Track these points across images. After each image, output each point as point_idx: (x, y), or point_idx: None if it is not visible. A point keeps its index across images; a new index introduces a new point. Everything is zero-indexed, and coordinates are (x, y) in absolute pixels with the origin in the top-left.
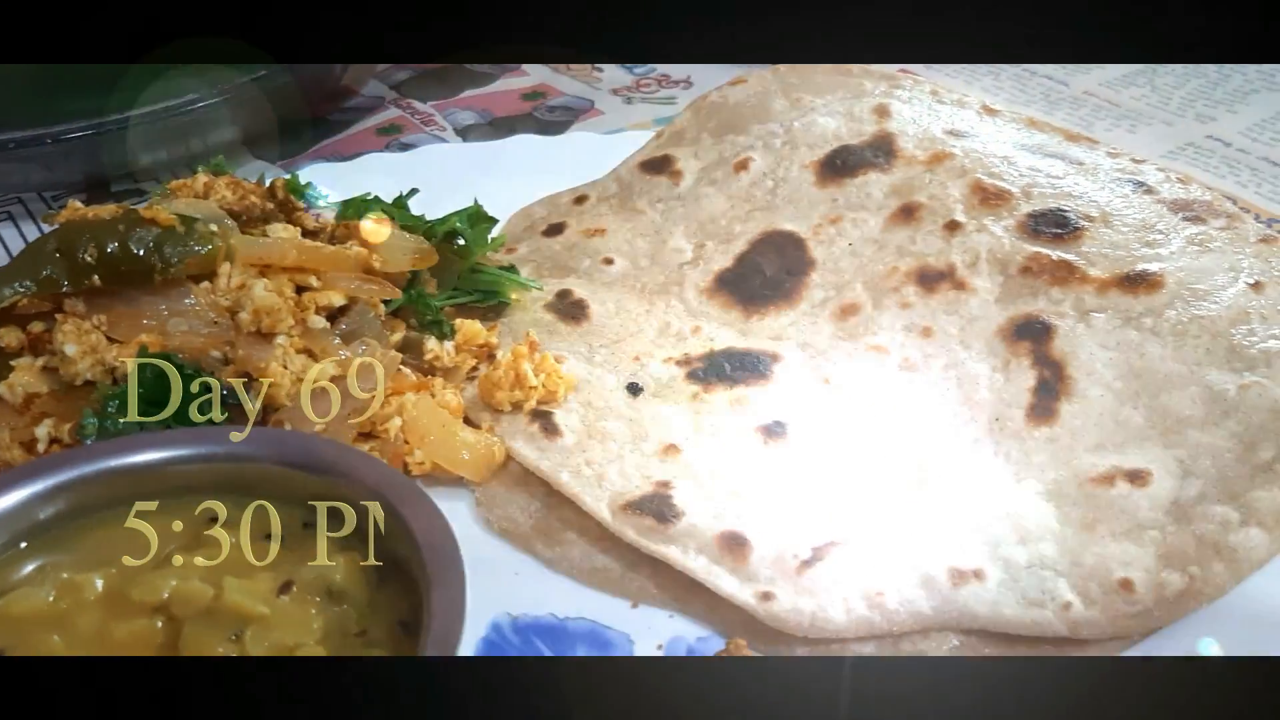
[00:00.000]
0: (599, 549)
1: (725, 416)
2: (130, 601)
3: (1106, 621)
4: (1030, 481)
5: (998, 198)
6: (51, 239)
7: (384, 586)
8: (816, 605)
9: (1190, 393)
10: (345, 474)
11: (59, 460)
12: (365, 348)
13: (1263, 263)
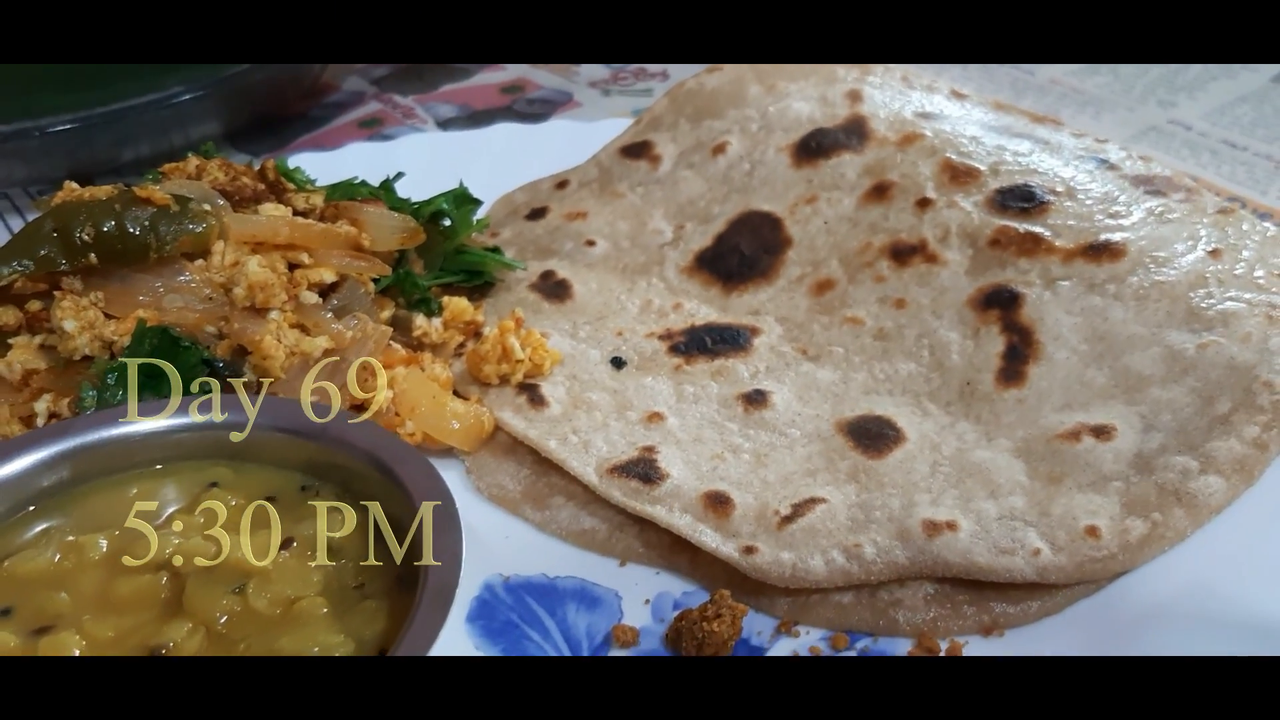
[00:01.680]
0: (586, 512)
1: (707, 386)
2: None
3: (1073, 566)
4: (1001, 440)
5: (967, 175)
6: (48, 219)
7: (381, 543)
8: (797, 557)
9: (1152, 353)
10: (339, 438)
11: (64, 428)
12: (356, 322)
13: (1220, 232)
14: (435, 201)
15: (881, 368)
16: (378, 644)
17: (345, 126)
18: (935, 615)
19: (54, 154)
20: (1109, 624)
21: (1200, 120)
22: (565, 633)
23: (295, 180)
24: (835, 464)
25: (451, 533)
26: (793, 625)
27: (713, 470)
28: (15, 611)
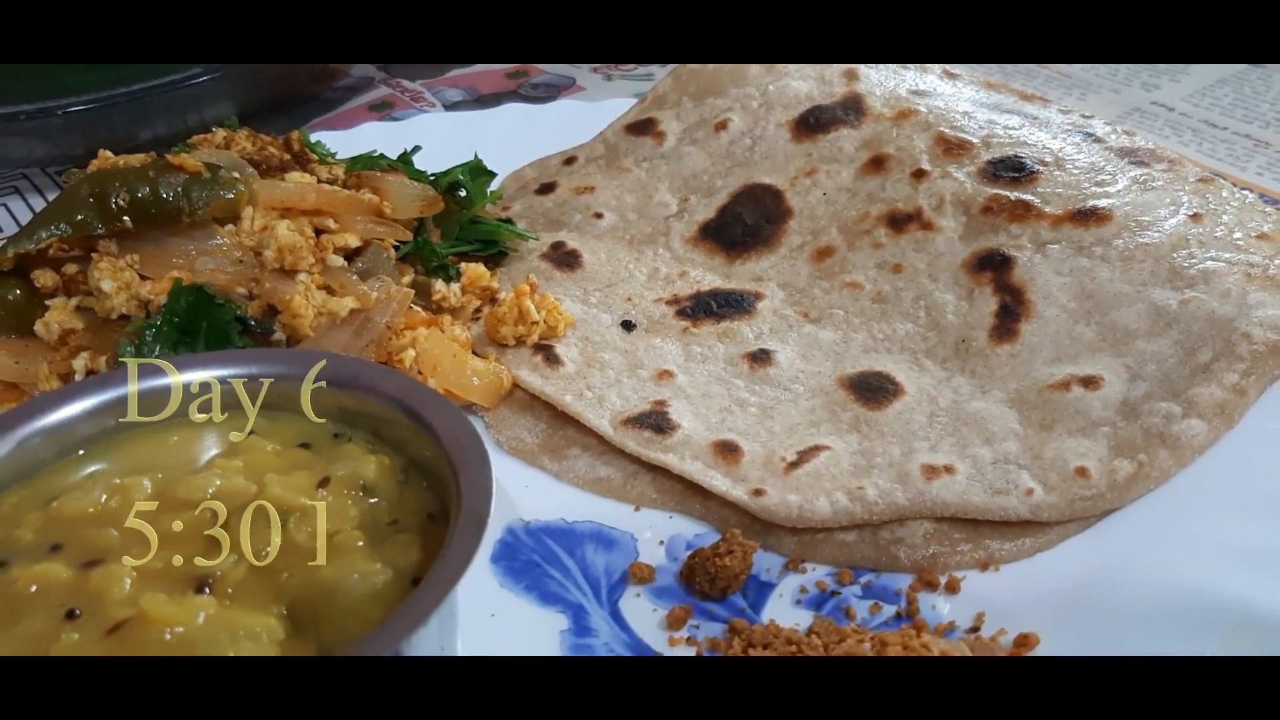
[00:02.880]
0: (602, 461)
1: (714, 346)
2: (178, 499)
3: (1064, 505)
4: (995, 392)
5: (960, 147)
6: (85, 185)
7: (411, 483)
8: (803, 499)
9: (1137, 309)
10: (369, 387)
11: (107, 379)
12: (380, 284)
13: (1200, 198)
14: (452, 173)
15: (880, 328)
16: (412, 573)
17: (356, 110)
18: (934, 552)
19: (73, 133)
20: (1099, 559)
21: (1182, 102)
22: (584, 571)
23: (317, 153)
24: (838, 415)
25: (481, 468)
26: (800, 562)
27: (721, 422)
28: (65, 547)
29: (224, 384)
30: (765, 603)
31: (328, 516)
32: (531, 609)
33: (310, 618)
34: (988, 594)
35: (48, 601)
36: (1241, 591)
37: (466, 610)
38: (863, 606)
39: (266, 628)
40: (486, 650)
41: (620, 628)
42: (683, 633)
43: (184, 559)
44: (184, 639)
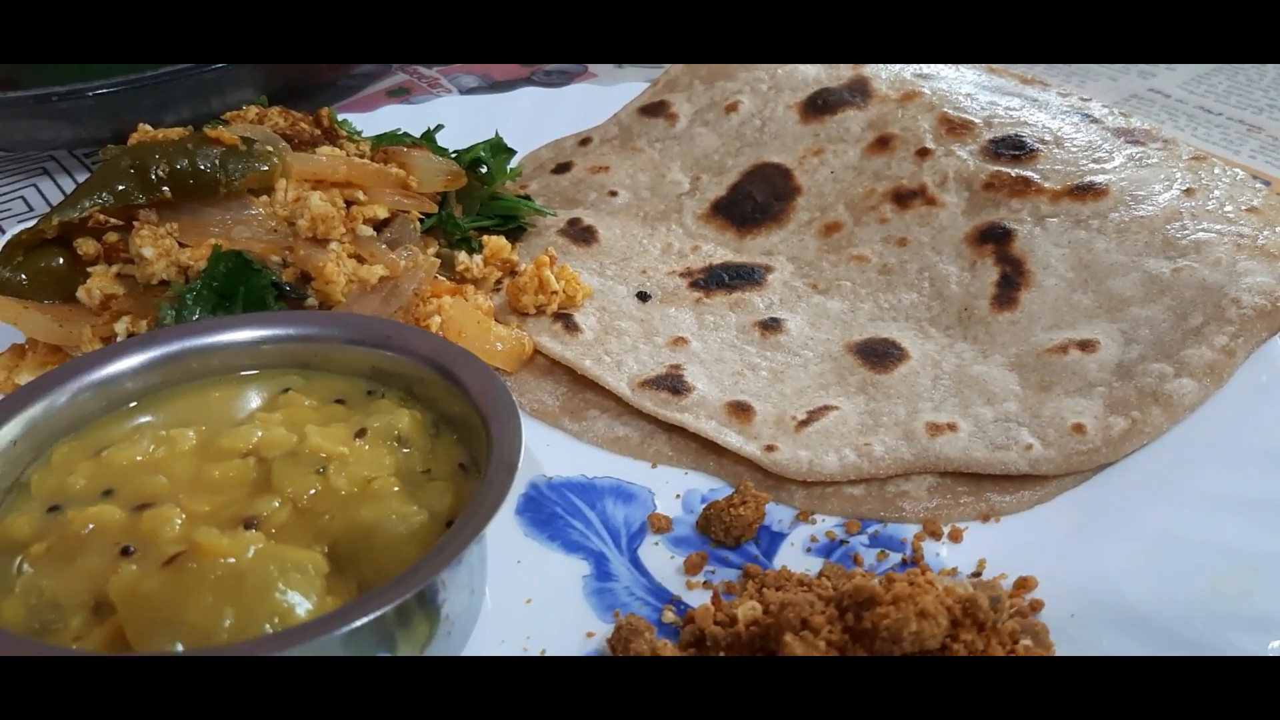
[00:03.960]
0: (620, 422)
1: (726, 316)
2: (222, 449)
3: (1062, 459)
4: (996, 356)
5: (963, 127)
6: (126, 157)
7: (442, 436)
8: (813, 455)
9: (1132, 277)
10: (402, 346)
11: (152, 338)
12: (408, 253)
13: (1193, 175)
14: (474, 150)
15: (886, 298)
16: (445, 517)
17: (374, 95)
18: (938, 504)
19: (100, 116)
20: (1094, 509)
21: (1178, 89)
22: (605, 522)
23: (344, 130)
24: (845, 379)
25: (510, 419)
26: (810, 514)
27: (734, 384)
28: (117, 492)
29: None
30: (777, 550)
31: (364, 464)
32: (555, 556)
33: (350, 557)
34: (989, 543)
35: (103, 541)
36: (1227, 535)
37: (494, 558)
38: (870, 554)
39: (312, 561)
40: (514, 593)
41: (640, 573)
42: (699, 577)
43: (230, 502)
44: (235, 570)
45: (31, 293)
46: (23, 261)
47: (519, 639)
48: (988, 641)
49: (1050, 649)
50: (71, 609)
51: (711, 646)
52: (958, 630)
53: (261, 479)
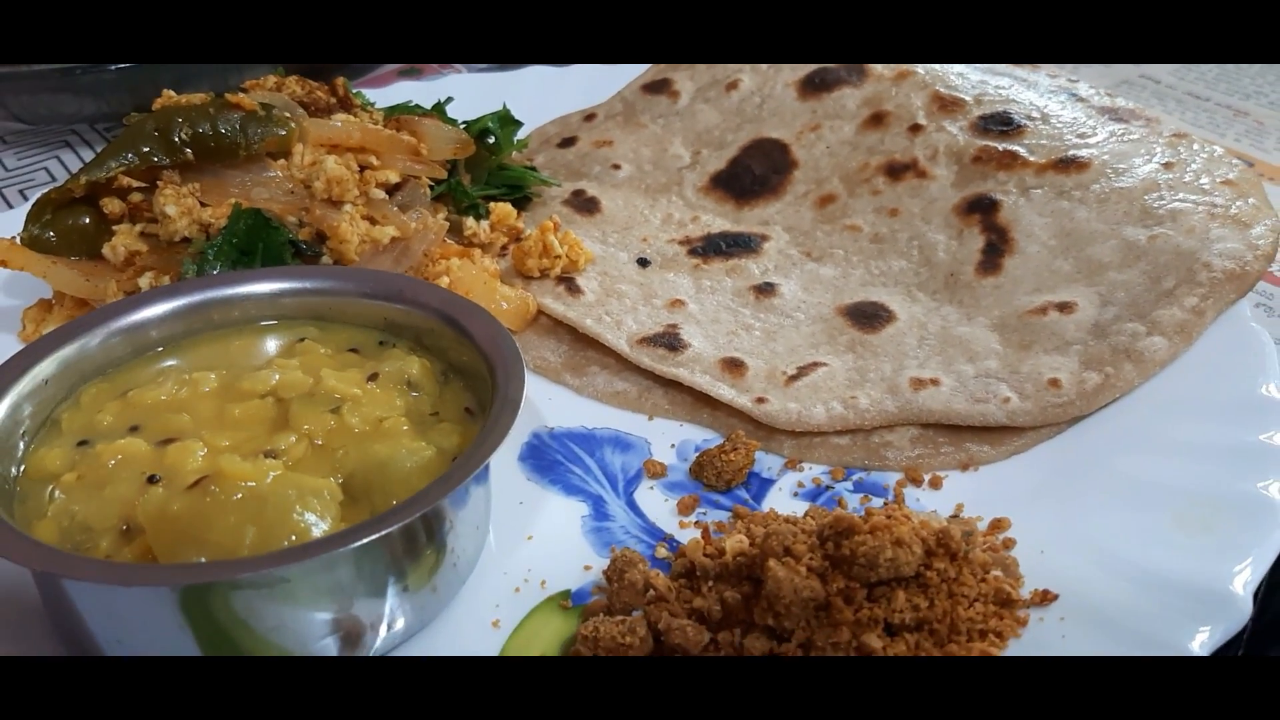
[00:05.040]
0: (619, 377)
1: (722, 280)
2: (242, 390)
3: (1038, 411)
4: (979, 319)
5: (954, 105)
6: (150, 120)
7: (450, 384)
8: (801, 407)
9: (1110, 245)
10: (414, 299)
11: (176, 289)
12: (418, 216)
13: (1173, 150)
14: (482, 120)
15: (877, 265)
16: (453, 454)
17: (386, 75)
18: (919, 454)
19: (121, 90)
20: (1067, 459)
21: (1168, 75)
22: (603, 468)
23: (358, 100)
24: (835, 339)
25: (515, 364)
26: (797, 463)
27: (728, 343)
28: (143, 428)
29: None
30: (766, 495)
31: (377, 404)
32: (556, 498)
33: (364, 488)
34: (967, 490)
35: (130, 471)
36: (1190, 479)
37: (497, 500)
38: (854, 499)
39: (328, 488)
40: (517, 531)
41: (635, 514)
42: (691, 518)
43: (251, 438)
44: (256, 493)
45: (59, 249)
46: (51, 219)
47: (520, 571)
48: (960, 570)
49: (1020, 581)
50: (101, 531)
51: (701, 577)
52: (931, 559)
53: (279, 417)
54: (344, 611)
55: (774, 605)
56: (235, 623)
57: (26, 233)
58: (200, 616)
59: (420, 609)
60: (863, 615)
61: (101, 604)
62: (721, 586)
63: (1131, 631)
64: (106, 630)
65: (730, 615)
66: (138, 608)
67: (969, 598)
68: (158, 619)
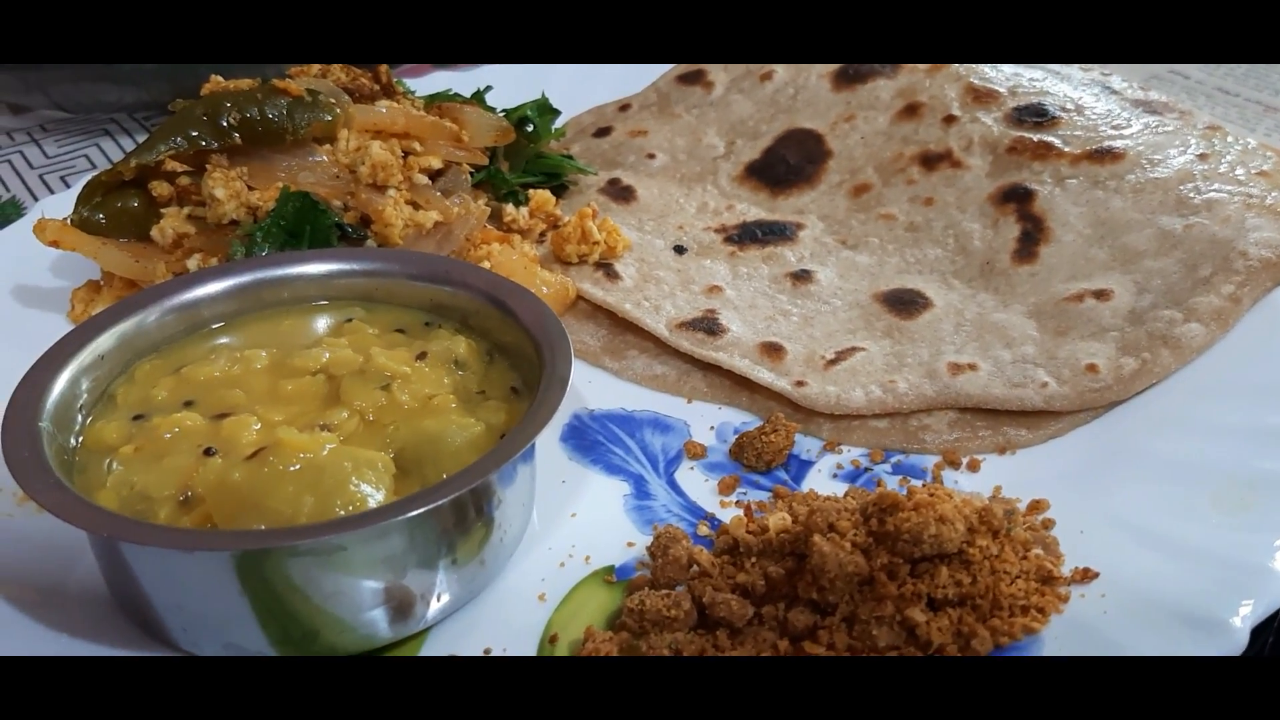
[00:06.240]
0: (658, 361)
1: (759, 268)
2: (294, 367)
3: (1075, 396)
4: (1015, 305)
5: (988, 96)
6: (199, 105)
7: (496, 363)
8: (840, 390)
9: (1146, 233)
10: (460, 281)
11: (227, 269)
12: (460, 201)
13: (1207, 142)
14: (522, 109)
15: (912, 253)
16: (500, 430)
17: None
18: (957, 438)
19: (162, 80)
20: (1105, 442)
21: (1197, 70)
22: (644, 449)
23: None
24: (872, 324)
25: (561, 343)
26: (836, 445)
27: (766, 328)
28: (197, 403)
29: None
30: (805, 476)
31: (425, 382)
32: (598, 477)
33: (415, 461)
34: (1005, 473)
35: (187, 443)
36: (1227, 460)
37: (540, 478)
38: (892, 481)
39: (383, 460)
40: (560, 508)
41: (676, 493)
42: (732, 497)
43: (303, 413)
44: (313, 463)
45: (109, 231)
46: (101, 202)
47: (565, 547)
48: (1002, 548)
49: (1060, 559)
50: (160, 500)
51: (744, 553)
52: (973, 536)
53: (331, 394)
54: (396, 581)
55: (818, 580)
56: (291, 589)
57: (77, 215)
58: (257, 582)
59: (468, 581)
60: (906, 590)
61: (161, 569)
62: (765, 562)
63: (1173, 607)
64: (165, 595)
65: (774, 590)
66: (197, 572)
67: (1011, 574)
68: (217, 583)
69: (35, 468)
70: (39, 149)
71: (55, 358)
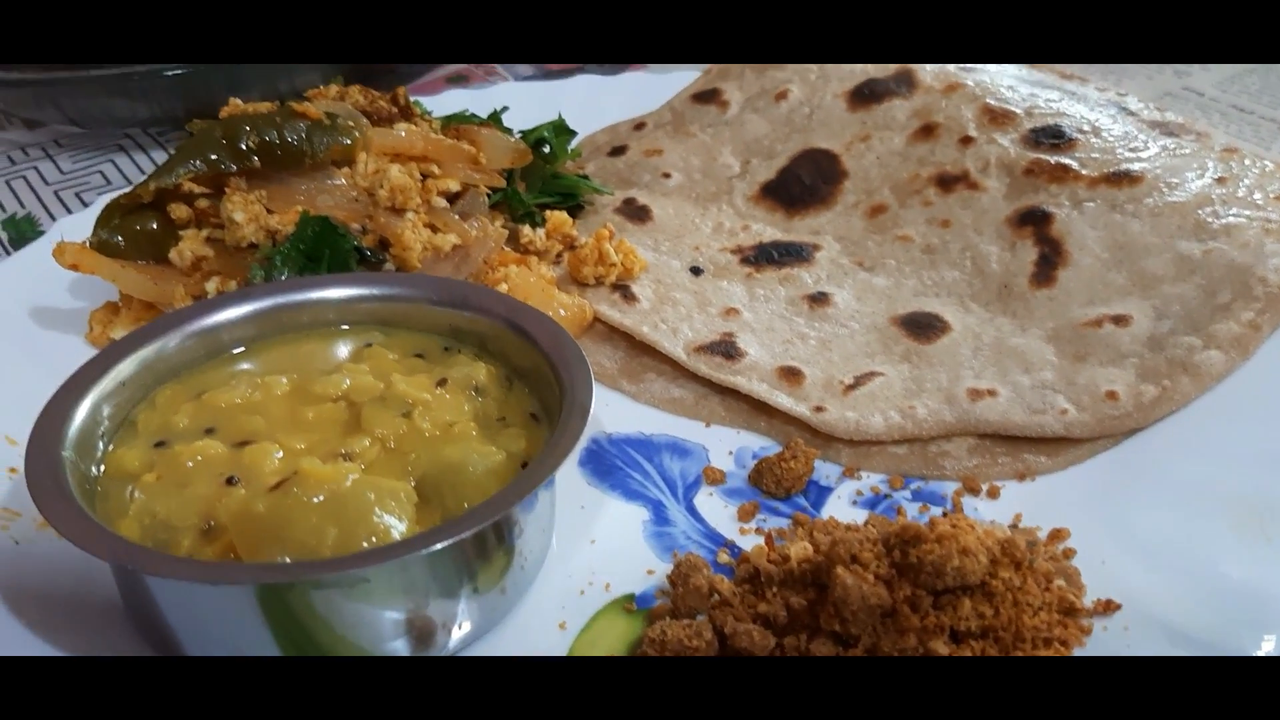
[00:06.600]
0: (675, 384)
1: (775, 289)
2: (314, 394)
3: (1095, 423)
4: (1034, 330)
5: (1004, 117)
6: (218, 128)
7: (515, 388)
8: (860, 415)
9: (1164, 258)
10: (478, 306)
11: (247, 294)
12: (478, 224)
13: (1225, 165)
14: (538, 130)
15: (929, 275)
16: (521, 458)
17: (434, 82)
18: (977, 464)
19: (174, 95)
20: (1124, 469)
21: (1212, 88)
22: (662, 473)
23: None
24: (890, 348)
25: (581, 369)
26: (855, 471)
27: (784, 351)
28: (218, 430)
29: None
30: (825, 503)
31: (446, 409)
32: (616, 503)
33: (436, 490)
34: (1024, 500)
35: (209, 472)
36: (1248, 487)
37: (559, 504)
38: (912, 508)
39: (405, 490)
40: (579, 534)
41: (696, 519)
42: (752, 524)
43: (325, 440)
44: (336, 494)
45: (127, 253)
46: (120, 224)
47: (584, 574)
48: (1024, 579)
49: (1082, 590)
50: (183, 530)
51: (765, 582)
52: (996, 568)
53: (352, 421)
54: (418, 611)
55: (841, 611)
56: (313, 619)
57: (95, 237)
58: (280, 614)
59: (489, 610)
60: (929, 622)
61: (183, 600)
62: (786, 592)
63: (1196, 640)
64: (187, 625)
65: (795, 620)
66: (219, 604)
67: (1034, 606)
68: (239, 615)
69: (58, 497)
70: (54, 164)
71: (76, 385)
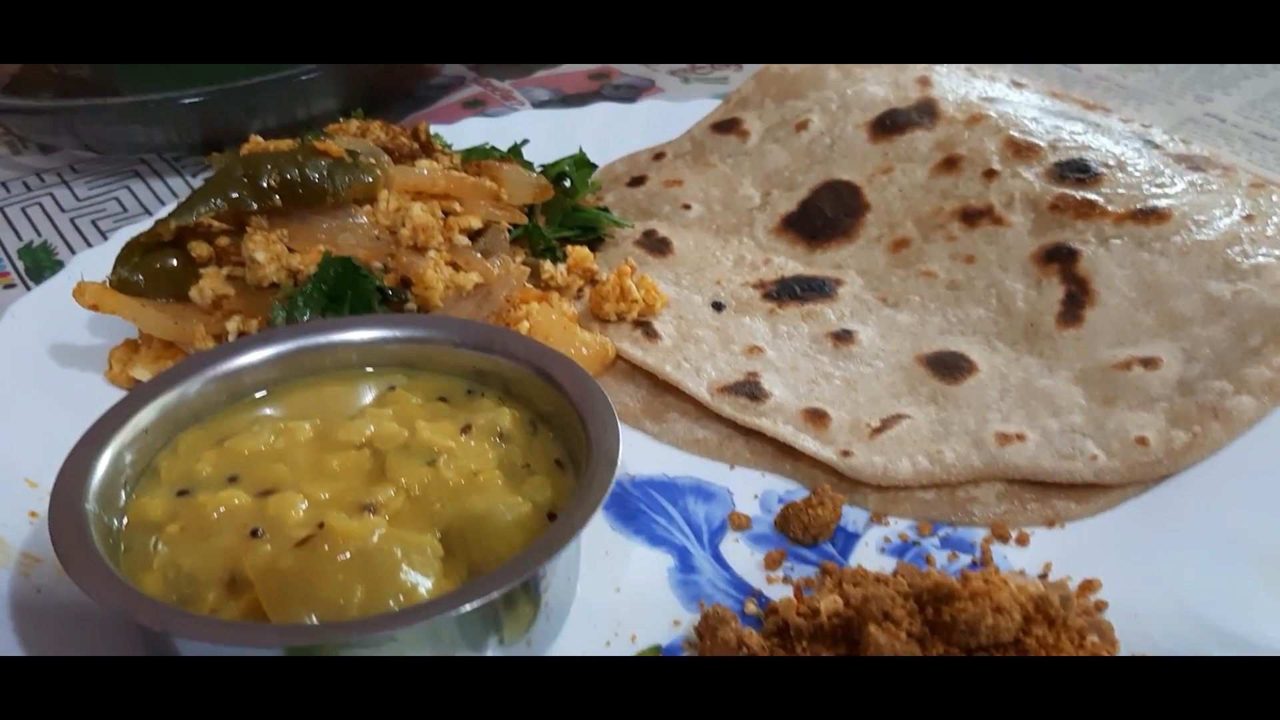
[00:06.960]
0: (699, 425)
1: (799, 326)
2: (338, 440)
3: (1125, 469)
4: (1061, 371)
5: (1029, 150)
6: (239, 166)
7: (540, 433)
8: (887, 460)
9: (1193, 298)
10: (502, 349)
11: (269, 336)
12: (500, 261)
13: (1253, 201)
14: (560, 164)
15: (954, 313)
16: (547, 508)
17: (451, 106)
18: (1005, 510)
19: (191, 122)
20: (1155, 517)
21: (1234, 114)
22: (687, 518)
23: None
24: (916, 389)
25: (607, 416)
26: (883, 517)
27: (809, 392)
28: (241, 479)
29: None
30: (853, 550)
31: (471, 457)
32: (641, 549)
33: (461, 542)
34: (1054, 547)
35: (233, 523)
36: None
37: (584, 549)
38: (941, 555)
39: (430, 544)
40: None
41: (721, 567)
42: (779, 573)
43: (349, 489)
44: (363, 551)
45: (147, 292)
46: (140, 262)
47: (610, 625)
48: (1058, 637)
49: (1116, 645)
50: (207, 584)
51: (795, 636)
52: (1030, 625)
53: (376, 469)
54: None
55: None
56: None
57: (115, 276)
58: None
59: None
60: None
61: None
62: (816, 647)
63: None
64: None
65: None
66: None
67: None
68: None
69: (83, 554)
70: (69, 191)
71: (98, 434)
